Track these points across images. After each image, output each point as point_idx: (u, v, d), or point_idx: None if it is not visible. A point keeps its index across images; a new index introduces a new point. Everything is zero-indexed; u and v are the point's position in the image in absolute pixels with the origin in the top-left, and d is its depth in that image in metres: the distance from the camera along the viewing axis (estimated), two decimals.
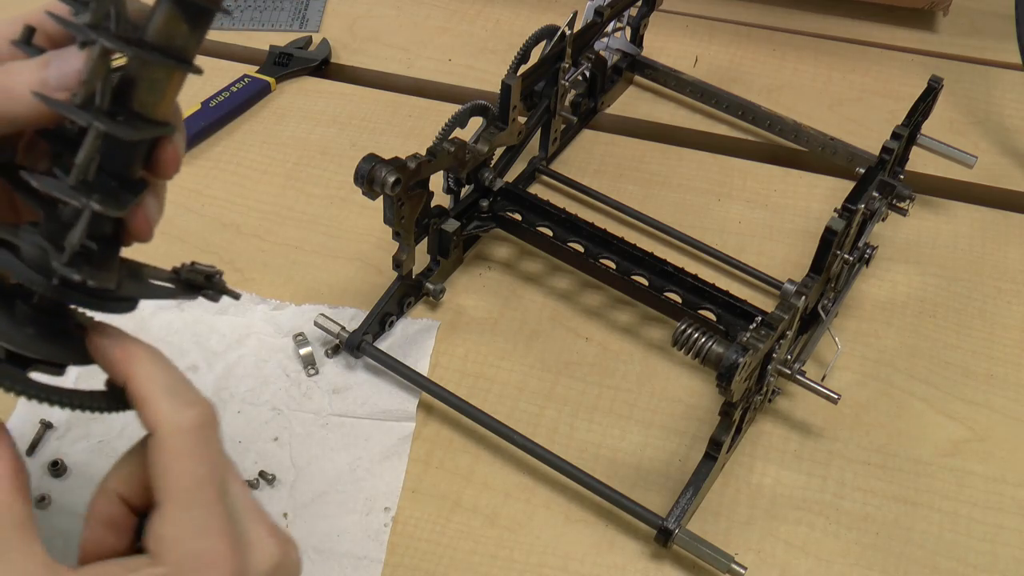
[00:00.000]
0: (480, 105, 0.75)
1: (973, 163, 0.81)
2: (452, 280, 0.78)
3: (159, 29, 0.36)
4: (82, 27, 0.35)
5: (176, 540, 0.36)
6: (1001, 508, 0.66)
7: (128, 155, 0.38)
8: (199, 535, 0.37)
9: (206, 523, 0.37)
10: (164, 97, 0.38)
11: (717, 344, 0.59)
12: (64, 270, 0.36)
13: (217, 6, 0.36)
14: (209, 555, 0.37)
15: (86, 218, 0.36)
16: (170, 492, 0.37)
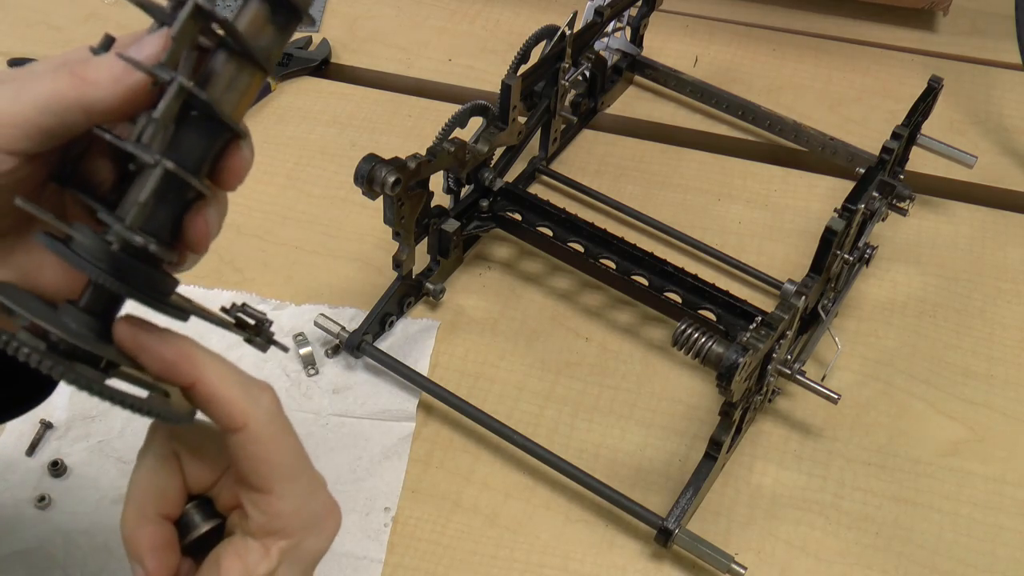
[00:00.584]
0: (480, 105, 0.75)
1: (973, 163, 0.81)
2: (452, 280, 0.78)
3: (246, 28, 0.35)
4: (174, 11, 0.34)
5: (296, 511, 0.38)
6: (1001, 508, 0.66)
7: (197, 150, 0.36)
8: (311, 497, 0.39)
9: (312, 486, 0.39)
10: (241, 99, 0.37)
11: (717, 344, 0.59)
12: (126, 232, 0.34)
13: (306, 9, 0.36)
14: (323, 510, 0.39)
15: (157, 175, 0.34)
16: (276, 474, 0.37)
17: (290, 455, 0.38)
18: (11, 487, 0.64)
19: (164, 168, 0.34)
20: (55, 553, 0.61)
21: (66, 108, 0.35)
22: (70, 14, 1.00)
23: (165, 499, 0.39)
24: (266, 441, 0.37)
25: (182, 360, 0.37)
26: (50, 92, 0.35)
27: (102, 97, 0.35)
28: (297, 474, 0.38)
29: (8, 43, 0.96)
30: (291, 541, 0.38)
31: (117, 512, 0.62)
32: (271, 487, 0.37)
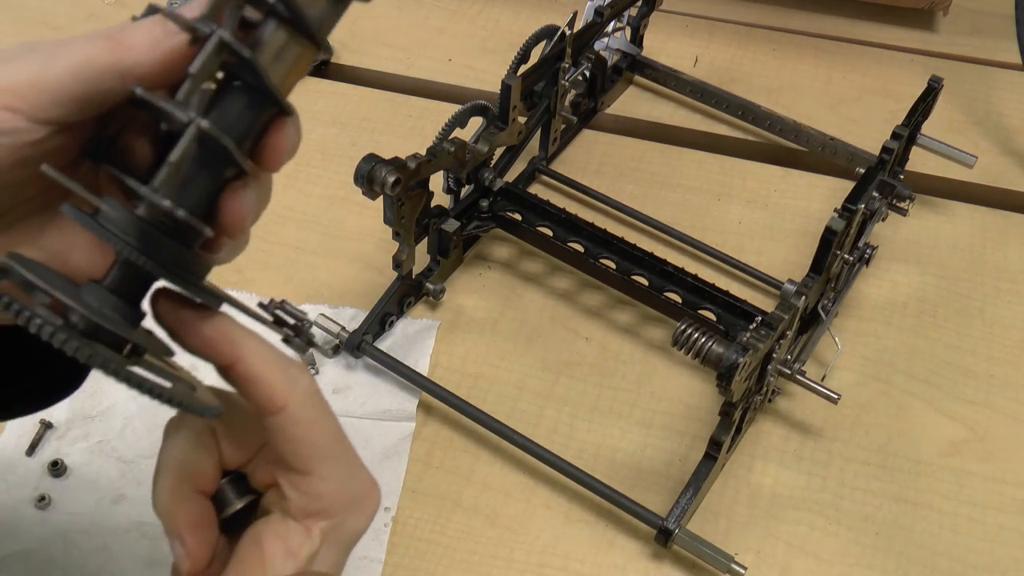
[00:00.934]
0: (480, 105, 0.75)
1: (973, 163, 0.81)
2: (452, 280, 0.78)
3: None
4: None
5: (337, 491, 0.37)
6: (1001, 508, 0.66)
7: (239, 125, 0.34)
8: (351, 477, 0.38)
9: (352, 465, 0.39)
10: (289, 72, 0.35)
11: (717, 344, 0.59)
12: (153, 195, 0.32)
13: None
14: (363, 489, 0.39)
15: (190, 135, 0.32)
16: (316, 455, 0.37)
17: (330, 436, 0.37)
18: (11, 487, 0.64)
19: (198, 127, 0.32)
20: (55, 553, 0.61)
21: (101, 73, 0.33)
22: (70, 14, 1.00)
23: (202, 475, 0.38)
24: (306, 422, 0.36)
25: (223, 338, 0.35)
26: (84, 57, 0.33)
27: (139, 61, 0.33)
28: (337, 454, 0.38)
29: (8, 43, 0.95)
30: (332, 521, 0.37)
31: (117, 512, 0.63)
32: (311, 468, 0.37)
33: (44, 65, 0.33)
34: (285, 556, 0.37)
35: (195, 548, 0.37)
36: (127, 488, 0.64)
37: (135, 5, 1.01)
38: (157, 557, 0.61)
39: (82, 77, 0.33)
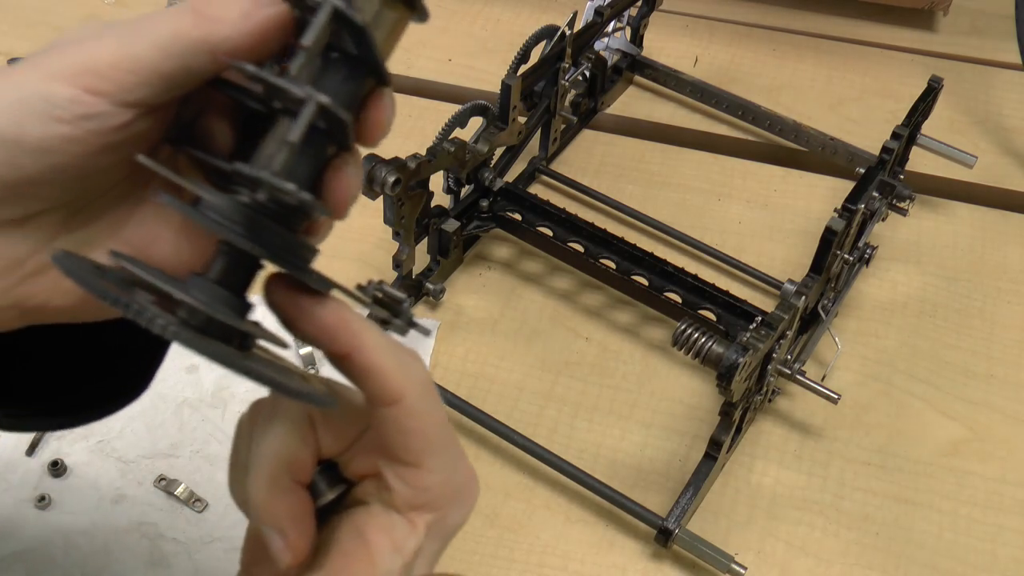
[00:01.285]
0: (480, 105, 0.75)
1: (973, 163, 0.81)
2: (452, 280, 0.78)
3: None
4: None
5: (443, 484, 0.36)
6: (1001, 508, 0.66)
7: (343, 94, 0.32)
8: (456, 469, 0.37)
9: (457, 457, 0.37)
10: (386, 39, 0.33)
11: (717, 344, 0.59)
12: (273, 179, 0.30)
13: None
14: (465, 481, 0.38)
15: (309, 112, 0.30)
16: (428, 447, 0.36)
17: (440, 428, 0.36)
18: (11, 487, 0.63)
19: (317, 103, 0.30)
20: (55, 553, 0.61)
21: (189, 49, 0.31)
22: (70, 14, 1.00)
23: (301, 466, 0.36)
24: (420, 415, 0.35)
25: (342, 326, 0.34)
26: (171, 32, 0.31)
27: (230, 35, 0.31)
28: (445, 447, 0.36)
29: (8, 43, 0.96)
30: (436, 515, 0.36)
31: (117, 512, 0.63)
32: (421, 461, 0.35)
33: (127, 43, 0.31)
34: (392, 551, 0.35)
35: (296, 540, 0.35)
36: (127, 488, 0.64)
37: (135, 5, 1.01)
38: (157, 557, 0.61)
39: (170, 53, 0.31)
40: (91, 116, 0.31)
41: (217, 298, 0.32)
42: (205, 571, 0.61)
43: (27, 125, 0.30)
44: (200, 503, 0.63)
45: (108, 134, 0.31)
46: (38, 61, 0.31)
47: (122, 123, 0.31)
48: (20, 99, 0.30)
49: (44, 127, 0.30)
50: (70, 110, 0.30)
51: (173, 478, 0.64)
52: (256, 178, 0.30)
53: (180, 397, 0.69)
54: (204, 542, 0.62)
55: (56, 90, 0.30)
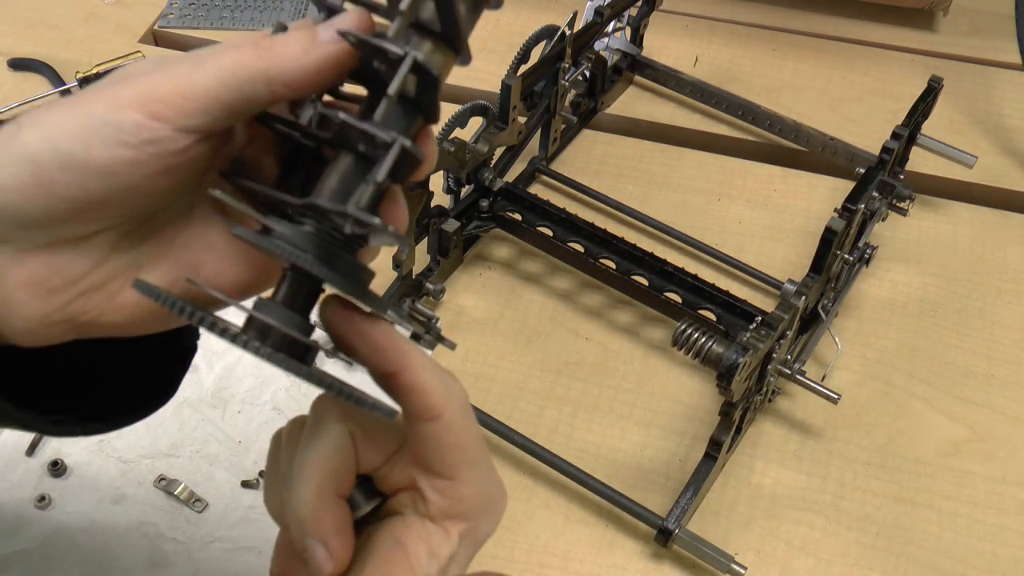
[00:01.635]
0: (480, 105, 0.75)
1: (973, 163, 0.81)
2: (452, 280, 0.78)
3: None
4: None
5: (477, 495, 0.38)
6: (1001, 508, 0.66)
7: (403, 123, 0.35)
8: (488, 481, 0.39)
9: (488, 471, 0.39)
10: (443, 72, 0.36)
11: (717, 344, 0.59)
12: (360, 213, 0.33)
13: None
14: (496, 493, 0.40)
15: (395, 152, 0.33)
16: (464, 461, 0.38)
17: (476, 442, 0.38)
18: (11, 487, 0.63)
19: (401, 147, 0.33)
20: (55, 553, 0.61)
21: (250, 79, 0.33)
22: (70, 14, 1.00)
23: (343, 479, 0.38)
24: (458, 430, 0.37)
25: (393, 346, 0.36)
26: (233, 62, 0.33)
27: (289, 68, 0.33)
28: (480, 460, 0.39)
29: (8, 43, 0.96)
30: (469, 524, 0.38)
31: (117, 512, 0.63)
32: (457, 474, 0.38)
33: (190, 72, 0.33)
34: (429, 556, 0.38)
35: (339, 550, 0.37)
36: (127, 488, 0.64)
37: (135, 5, 1.01)
38: (157, 557, 0.61)
39: (230, 83, 0.33)
40: (154, 141, 0.33)
41: (288, 320, 0.36)
42: (205, 571, 0.61)
43: (95, 149, 0.32)
44: (200, 503, 0.63)
45: (168, 157, 0.33)
46: (106, 90, 0.33)
47: (182, 147, 0.33)
48: (90, 125, 0.32)
49: (111, 151, 0.32)
50: (135, 135, 0.33)
51: (173, 478, 0.64)
52: (343, 213, 0.33)
53: (180, 397, 0.68)
54: (204, 542, 0.62)
55: (123, 116, 0.32)
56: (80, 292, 0.36)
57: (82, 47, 0.96)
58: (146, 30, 0.99)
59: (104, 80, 0.34)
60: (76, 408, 0.43)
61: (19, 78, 0.92)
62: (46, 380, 0.41)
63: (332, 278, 0.35)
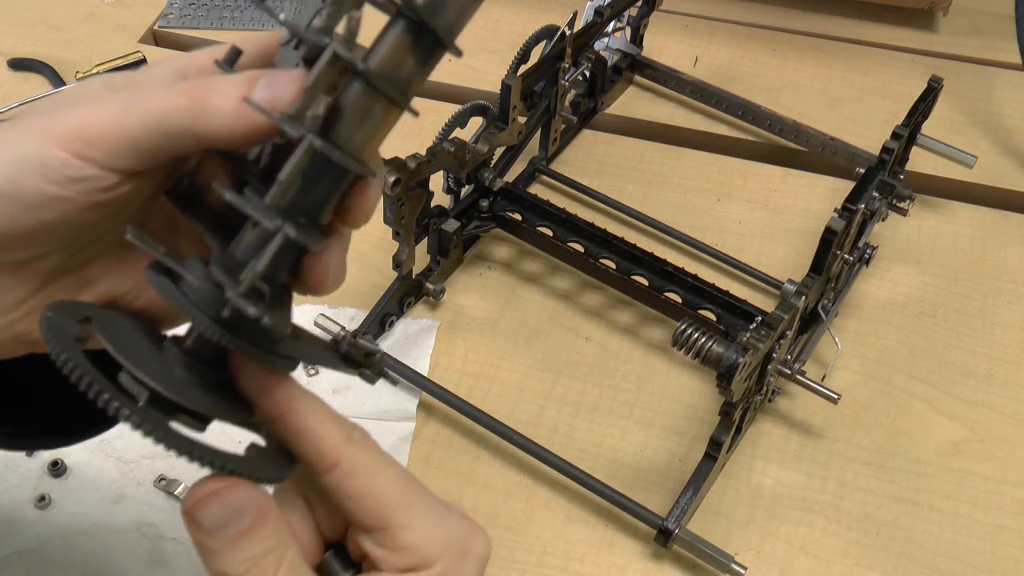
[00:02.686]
0: (480, 105, 0.75)
1: (973, 163, 0.81)
2: (452, 280, 0.78)
3: (385, 58, 0.33)
4: (310, 32, 0.32)
5: (427, 539, 0.35)
6: (1001, 508, 0.66)
7: (323, 192, 0.33)
8: (441, 522, 0.36)
9: (436, 510, 0.36)
10: (374, 135, 0.34)
11: (717, 344, 0.59)
12: (239, 301, 0.31)
13: (452, 43, 0.33)
14: (461, 533, 0.36)
15: (277, 243, 0.32)
16: (387, 506, 0.35)
17: (396, 483, 0.35)
18: (11, 487, 0.63)
19: (285, 236, 0.32)
20: (55, 553, 0.61)
21: (177, 131, 0.33)
22: (70, 14, 1.00)
23: (303, 547, 0.36)
24: (364, 474, 0.35)
25: (276, 388, 0.35)
26: (162, 111, 0.32)
27: (218, 128, 0.33)
28: (411, 501, 0.35)
29: (8, 43, 0.96)
30: (432, 571, 0.35)
31: (117, 512, 0.63)
32: (386, 521, 0.35)
33: (119, 114, 0.33)
34: None
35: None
36: (127, 488, 0.64)
37: (135, 5, 1.01)
38: (157, 557, 0.61)
39: (157, 131, 0.33)
40: (80, 179, 0.33)
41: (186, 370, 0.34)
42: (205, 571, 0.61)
43: (23, 183, 0.32)
44: None
45: (97, 194, 0.33)
46: (38, 120, 0.33)
47: (110, 185, 0.33)
48: (18, 158, 0.32)
49: (38, 186, 0.32)
50: (61, 172, 0.32)
51: (173, 478, 0.64)
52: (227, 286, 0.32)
53: None
54: None
55: (50, 152, 0.32)
56: (27, 312, 0.36)
57: (82, 47, 0.96)
58: (146, 30, 0.99)
59: (43, 103, 0.34)
60: (34, 422, 0.42)
61: (19, 78, 0.92)
62: (2, 394, 0.40)
63: (229, 341, 0.33)
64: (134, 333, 0.36)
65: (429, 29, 0.32)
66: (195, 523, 0.34)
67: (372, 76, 0.33)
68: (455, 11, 0.32)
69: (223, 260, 0.34)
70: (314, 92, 0.32)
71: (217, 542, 0.34)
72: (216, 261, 0.34)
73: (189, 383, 0.35)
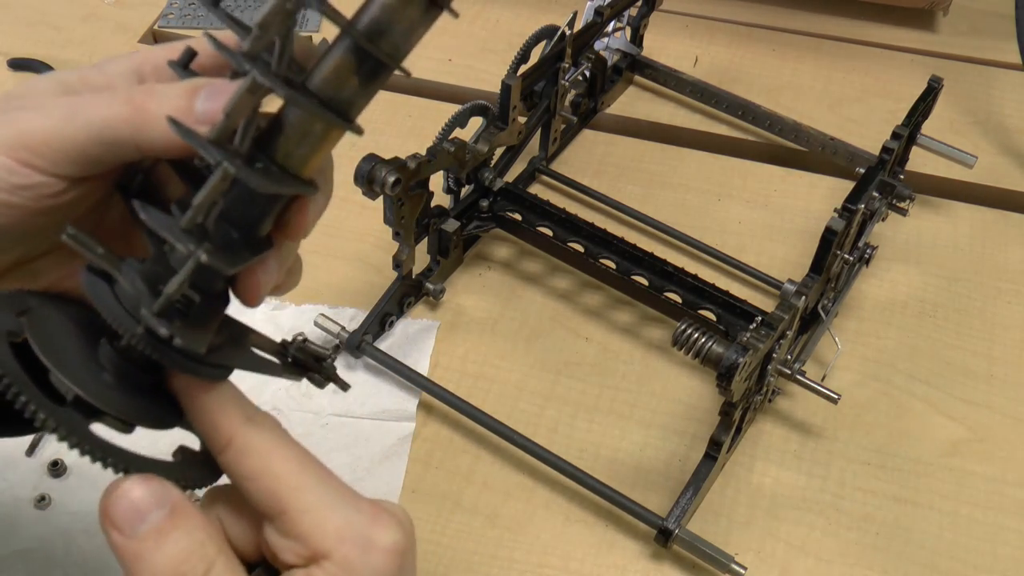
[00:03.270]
0: (480, 105, 0.75)
1: (973, 163, 0.81)
2: (452, 280, 0.78)
3: (327, 77, 0.32)
4: (237, 55, 0.31)
5: (323, 524, 0.33)
6: (1001, 508, 0.66)
7: (258, 208, 0.33)
8: (339, 508, 0.34)
9: (338, 494, 0.35)
10: (314, 153, 0.33)
11: (717, 344, 0.59)
12: (152, 320, 0.31)
13: (398, 65, 0.32)
14: (364, 518, 0.34)
15: (189, 268, 0.31)
16: (283, 486, 0.34)
17: (293, 464, 0.34)
18: (11, 487, 0.64)
19: (198, 260, 0.31)
20: (55, 553, 0.61)
21: (118, 141, 0.33)
22: (70, 14, 1.00)
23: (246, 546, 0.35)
24: (259, 454, 0.34)
25: (197, 396, 0.34)
26: (104, 120, 0.33)
27: (158, 139, 0.33)
28: (309, 484, 0.34)
29: (8, 43, 0.96)
30: (335, 561, 0.33)
31: None
32: (283, 504, 0.33)
33: (62, 121, 0.33)
34: None
35: None
36: None
37: (135, 5, 1.01)
38: None
39: (99, 140, 0.33)
40: (26, 187, 0.33)
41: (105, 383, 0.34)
42: None
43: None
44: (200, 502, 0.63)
45: (44, 199, 0.34)
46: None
47: (57, 191, 0.34)
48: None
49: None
50: (7, 179, 0.33)
51: None
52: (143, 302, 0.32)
53: None
54: None
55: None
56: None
57: (82, 47, 0.96)
58: (146, 30, 0.99)
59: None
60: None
61: (19, 78, 0.92)
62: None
63: (153, 352, 0.33)
64: (71, 330, 0.35)
65: (371, 54, 0.32)
66: (110, 523, 0.33)
67: (309, 95, 0.32)
68: (400, 34, 0.32)
69: (154, 267, 0.33)
70: (234, 117, 0.31)
71: (134, 543, 0.32)
72: (149, 266, 0.33)
73: (116, 386, 0.34)
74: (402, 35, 0.32)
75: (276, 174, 0.32)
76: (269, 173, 0.32)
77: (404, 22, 0.31)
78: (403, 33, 0.32)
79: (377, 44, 0.32)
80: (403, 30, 0.32)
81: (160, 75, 0.36)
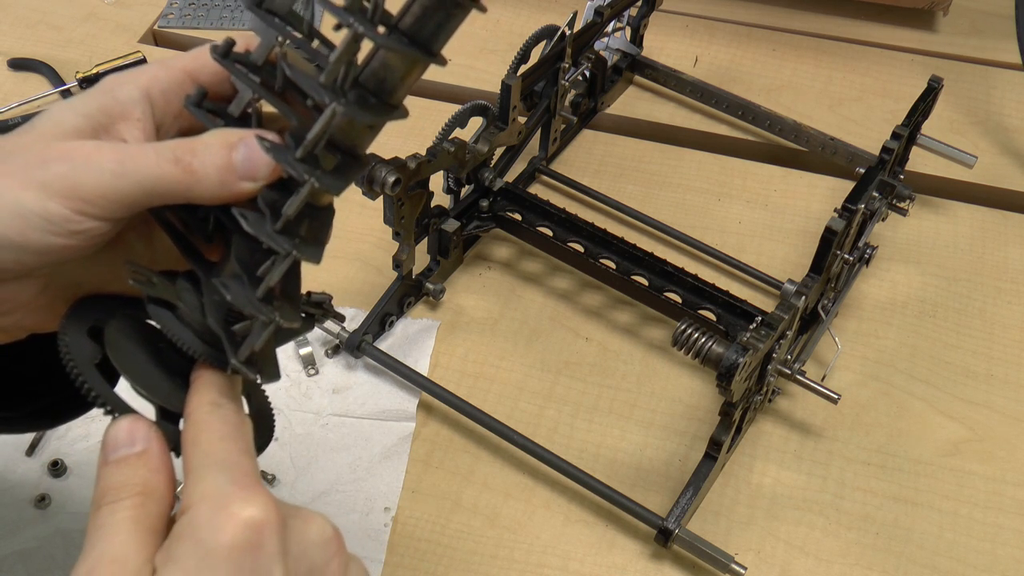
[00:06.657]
0: (480, 105, 0.75)
1: (973, 163, 0.81)
2: (452, 280, 0.78)
3: (416, 16, 0.37)
4: (341, 11, 0.35)
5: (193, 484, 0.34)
6: (1001, 508, 0.66)
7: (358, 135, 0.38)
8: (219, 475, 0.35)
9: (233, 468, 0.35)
10: (404, 86, 0.38)
11: (717, 344, 0.59)
12: (241, 368, 0.37)
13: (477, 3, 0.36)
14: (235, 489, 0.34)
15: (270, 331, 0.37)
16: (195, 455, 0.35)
17: (215, 438, 0.36)
18: (11, 487, 0.64)
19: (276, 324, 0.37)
20: (55, 553, 0.61)
21: (168, 195, 0.37)
22: (70, 14, 1.00)
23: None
24: (196, 424, 0.36)
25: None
26: (156, 179, 0.36)
27: (206, 195, 0.37)
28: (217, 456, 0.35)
29: (8, 43, 0.96)
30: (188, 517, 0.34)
31: None
32: (189, 465, 0.35)
33: (115, 177, 0.36)
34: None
35: None
36: None
37: (135, 5, 1.01)
38: None
39: (151, 194, 0.37)
40: (81, 231, 0.37)
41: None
42: None
43: (29, 236, 0.36)
44: None
45: (96, 237, 0.38)
46: (27, 169, 0.36)
47: (105, 232, 0.38)
48: (21, 214, 0.36)
49: (44, 238, 0.36)
50: (64, 227, 0.36)
51: None
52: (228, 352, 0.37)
53: None
54: None
55: (51, 209, 0.36)
56: (31, 310, 0.40)
57: (82, 47, 0.96)
58: (146, 30, 0.99)
59: (23, 139, 0.37)
60: (25, 405, 0.45)
61: (19, 78, 0.92)
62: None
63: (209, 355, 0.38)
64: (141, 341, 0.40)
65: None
66: (103, 446, 0.37)
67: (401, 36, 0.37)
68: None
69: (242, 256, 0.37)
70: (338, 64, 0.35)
71: (106, 467, 0.36)
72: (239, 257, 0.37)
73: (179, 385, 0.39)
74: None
75: (376, 106, 0.37)
76: (370, 105, 0.36)
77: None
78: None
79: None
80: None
81: (168, 98, 0.40)
